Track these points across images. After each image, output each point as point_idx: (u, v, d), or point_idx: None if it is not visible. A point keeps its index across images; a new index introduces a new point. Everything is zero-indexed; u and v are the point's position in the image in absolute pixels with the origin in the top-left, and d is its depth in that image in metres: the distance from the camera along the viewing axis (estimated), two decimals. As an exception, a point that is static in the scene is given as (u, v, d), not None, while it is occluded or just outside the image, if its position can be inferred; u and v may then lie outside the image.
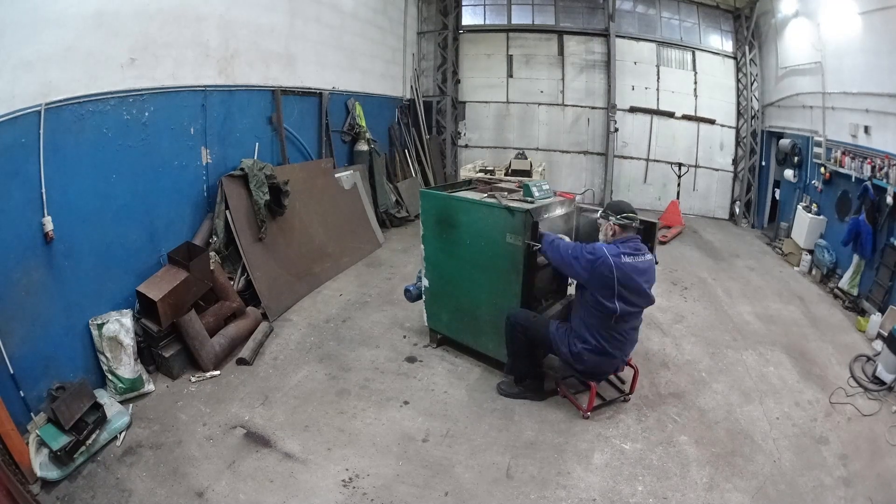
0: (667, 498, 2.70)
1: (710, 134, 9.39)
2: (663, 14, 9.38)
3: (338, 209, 6.34)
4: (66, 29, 3.13)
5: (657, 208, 9.38)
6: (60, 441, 2.71)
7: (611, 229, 3.08)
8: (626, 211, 3.06)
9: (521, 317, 3.30)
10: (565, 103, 9.81)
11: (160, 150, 4.01)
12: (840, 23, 5.80)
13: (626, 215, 3.04)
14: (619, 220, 3.04)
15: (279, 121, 5.58)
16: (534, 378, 3.49)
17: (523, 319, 3.29)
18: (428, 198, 3.77)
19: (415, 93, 9.47)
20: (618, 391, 3.59)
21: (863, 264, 5.20)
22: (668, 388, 3.72)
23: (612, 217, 3.07)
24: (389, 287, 5.52)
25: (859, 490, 2.76)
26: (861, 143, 5.45)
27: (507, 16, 9.90)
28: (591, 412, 3.32)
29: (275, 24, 5.45)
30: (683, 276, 6.05)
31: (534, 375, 3.49)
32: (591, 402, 3.30)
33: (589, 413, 3.30)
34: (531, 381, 3.49)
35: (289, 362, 3.99)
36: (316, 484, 2.76)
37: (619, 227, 3.05)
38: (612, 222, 3.07)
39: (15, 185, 2.89)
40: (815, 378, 3.88)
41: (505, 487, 2.76)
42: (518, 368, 3.49)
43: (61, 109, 3.13)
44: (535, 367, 3.49)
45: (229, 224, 4.52)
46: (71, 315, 3.29)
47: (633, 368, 3.50)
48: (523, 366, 3.44)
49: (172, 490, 2.69)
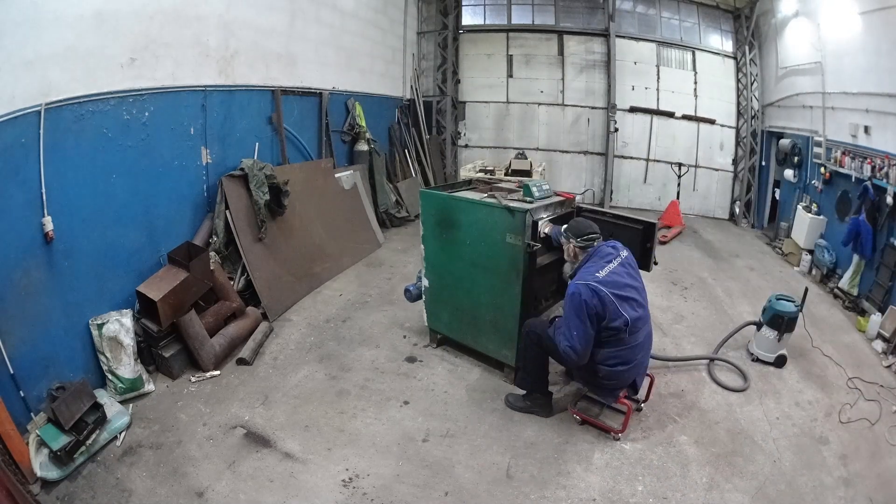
0: (667, 498, 2.70)
1: (710, 134, 9.38)
2: (663, 14, 9.38)
3: (338, 209, 6.34)
4: (66, 29, 3.13)
5: (657, 208, 9.39)
6: (60, 441, 2.71)
7: (572, 251, 3.07)
8: (587, 233, 3.03)
9: (538, 326, 3.19)
10: (565, 103, 9.81)
11: (160, 150, 4.01)
12: (840, 23, 5.80)
13: (587, 237, 3.01)
14: (580, 242, 3.01)
15: (279, 121, 5.58)
16: (542, 393, 3.38)
17: (540, 329, 3.16)
18: (428, 198, 3.77)
19: (415, 93, 9.47)
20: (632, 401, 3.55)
21: (863, 264, 5.20)
22: (668, 388, 3.72)
23: (572, 240, 3.04)
24: (389, 287, 5.52)
25: (859, 490, 2.76)
26: (861, 143, 5.45)
27: (507, 16, 9.90)
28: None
29: (275, 24, 5.45)
30: (683, 277, 6.05)
31: (542, 391, 3.37)
32: (626, 424, 3.14)
33: (621, 434, 3.14)
34: (539, 395, 3.38)
35: (289, 362, 3.99)
36: (316, 484, 2.76)
37: (579, 249, 3.03)
38: (573, 244, 3.04)
39: (15, 185, 2.89)
40: (814, 378, 3.88)
41: (505, 487, 2.76)
42: (527, 381, 3.37)
43: (61, 109, 3.13)
44: (545, 382, 3.37)
45: (229, 224, 4.52)
46: (71, 315, 3.30)
47: (649, 377, 3.43)
48: (533, 379, 3.33)
49: (172, 490, 2.69)
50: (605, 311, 2.74)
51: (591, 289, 2.74)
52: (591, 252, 2.98)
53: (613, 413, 3.37)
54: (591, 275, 2.80)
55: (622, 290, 2.81)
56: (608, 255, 2.93)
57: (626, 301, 2.81)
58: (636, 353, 2.94)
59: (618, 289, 2.80)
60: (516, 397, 3.47)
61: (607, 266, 2.86)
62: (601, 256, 2.93)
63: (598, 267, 2.85)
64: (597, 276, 2.79)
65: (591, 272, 2.82)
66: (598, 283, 2.75)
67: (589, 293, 2.73)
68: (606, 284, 2.77)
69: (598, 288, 2.74)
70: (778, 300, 3.98)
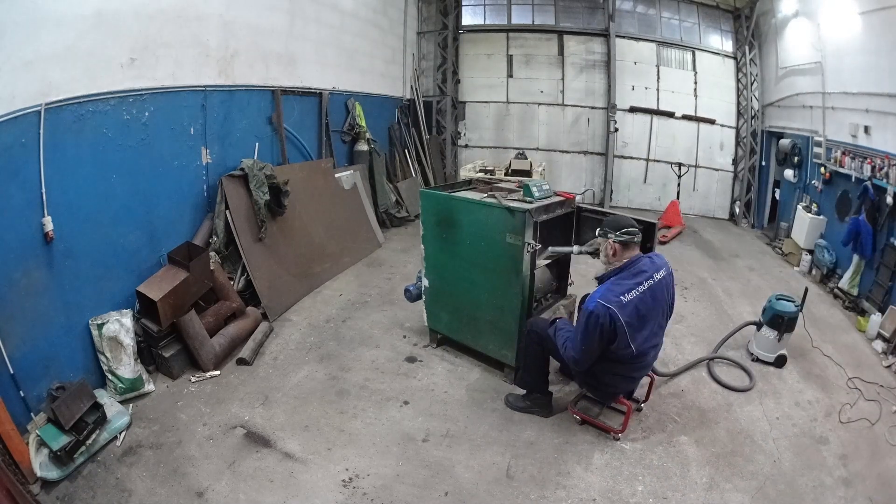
0: (667, 498, 2.70)
1: (710, 134, 9.38)
2: (663, 14, 9.38)
3: (338, 209, 6.34)
4: (66, 29, 3.13)
5: (657, 208, 9.38)
6: (60, 441, 2.71)
7: (611, 248, 2.77)
8: (626, 226, 2.75)
9: (541, 326, 3.16)
10: (565, 103, 9.80)
11: (160, 150, 4.01)
12: (840, 23, 5.79)
13: (627, 230, 2.73)
14: (619, 236, 2.73)
15: (279, 121, 5.58)
16: (542, 393, 3.38)
17: (541, 328, 3.14)
18: (428, 198, 3.77)
19: (415, 93, 9.46)
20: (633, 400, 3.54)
21: (863, 264, 5.20)
22: (668, 388, 3.72)
23: (610, 234, 2.76)
24: (389, 287, 5.52)
25: (859, 490, 2.76)
26: (861, 143, 5.45)
27: (507, 16, 9.90)
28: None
29: (275, 24, 5.45)
30: (683, 276, 6.05)
31: (542, 390, 3.37)
32: (626, 424, 3.13)
33: (621, 434, 3.13)
34: (540, 395, 3.38)
35: (289, 362, 3.99)
36: (316, 484, 2.76)
37: (619, 244, 2.74)
38: (611, 240, 2.75)
39: (15, 185, 2.89)
40: (814, 378, 3.88)
41: (505, 487, 2.76)
42: (528, 381, 3.38)
43: (61, 109, 3.13)
44: (546, 383, 3.37)
45: (229, 224, 4.52)
46: (71, 315, 3.30)
47: (649, 377, 3.44)
48: (533, 379, 3.33)
49: (172, 490, 2.69)
50: (616, 337, 2.64)
51: (609, 314, 2.58)
52: (628, 262, 2.74)
53: (613, 413, 3.37)
54: (616, 295, 2.61)
55: (641, 321, 2.68)
56: (641, 275, 2.70)
57: (641, 331, 2.70)
58: (640, 371, 2.96)
59: (637, 318, 2.65)
60: (516, 397, 3.47)
61: (635, 289, 2.65)
62: (634, 273, 2.70)
63: (626, 288, 2.64)
64: (620, 301, 2.60)
65: (616, 293, 2.63)
66: (617, 310, 2.58)
67: (606, 317, 2.59)
68: (626, 311, 2.60)
69: (616, 315, 2.58)
70: (778, 300, 3.98)
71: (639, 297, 2.65)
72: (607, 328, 2.61)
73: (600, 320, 2.60)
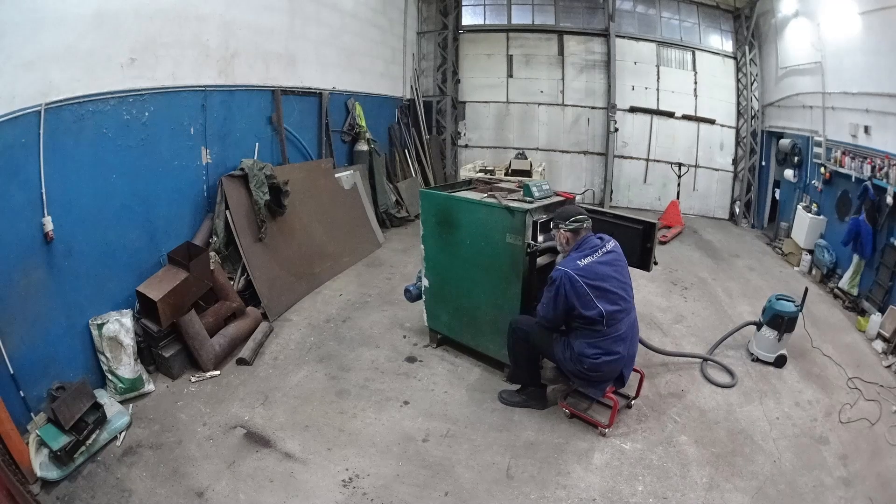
0: (667, 498, 2.70)
1: (710, 134, 9.39)
2: (663, 14, 9.38)
3: (338, 209, 6.34)
4: (66, 29, 3.13)
5: (657, 208, 9.39)
6: (60, 441, 2.71)
7: (563, 237, 3.07)
8: (574, 214, 3.05)
9: (525, 323, 3.25)
10: (565, 103, 9.81)
11: (160, 150, 4.01)
12: (840, 23, 5.79)
13: (575, 219, 3.03)
14: (569, 225, 3.02)
15: (279, 121, 5.58)
16: (536, 386, 3.44)
17: (526, 325, 3.22)
18: (428, 198, 3.77)
19: (415, 93, 9.47)
20: (622, 396, 3.56)
21: (863, 264, 5.20)
22: (668, 388, 3.72)
23: (561, 225, 3.05)
24: (389, 287, 5.52)
25: (859, 490, 2.76)
26: (861, 143, 5.45)
27: (507, 16, 9.90)
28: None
29: (275, 24, 5.45)
30: (683, 276, 6.05)
31: (536, 383, 3.44)
32: (613, 418, 3.18)
33: (608, 429, 3.17)
34: (534, 389, 3.44)
35: (289, 362, 3.99)
36: (316, 484, 2.76)
37: (570, 232, 3.03)
38: (563, 230, 3.05)
39: (15, 185, 2.89)
40: (814, 378, 3.88)
41: (505, 487, 2.76)
42: (520, 376, 3.46)
43: (61, 109, 3.13)
44: (538, 376, 3.44)
45: (229, 224, 4.52)
46: (71, 315, 3.30)
47: (638, 373, 3.46)
48: (525, 373, 3.40)
49: (172, 490, 2.69)
50: (578, 299, 2.85)
51: (569, 276, 2.85)
52: (579, 241, 3.04)
53: (602, 408, 3.40)
54: (573, 262, 2.92)
55: (601, 282, 2.88)
56: (594, 246, 3.01)
57: (604, 293, 2.88)
58: (617, 345, 2.97)
59: (596, 279, 2.87)
60: (510, 392, 3.52)
61: (590, 256, 2.95)
62: (587, 248, 3.00)
63: (581, 255, 2.95)
64: (577, 265, 2.89)
65: (573, 259, 2.94)
66: (574, 271, 2.86)
67: (566, 278, 2.85)
68: (583, 271, 2.87)
69: (574, 277, 2.84)
70: (778, 300, 3.98)
71: (594, 261, 2.94)
72: (569, 288, 2.86)
73: (563, 281, 2.88)
